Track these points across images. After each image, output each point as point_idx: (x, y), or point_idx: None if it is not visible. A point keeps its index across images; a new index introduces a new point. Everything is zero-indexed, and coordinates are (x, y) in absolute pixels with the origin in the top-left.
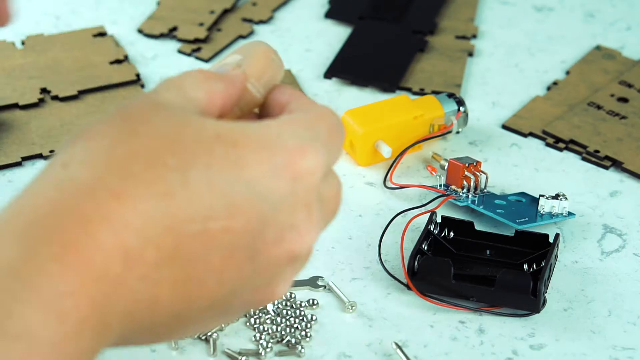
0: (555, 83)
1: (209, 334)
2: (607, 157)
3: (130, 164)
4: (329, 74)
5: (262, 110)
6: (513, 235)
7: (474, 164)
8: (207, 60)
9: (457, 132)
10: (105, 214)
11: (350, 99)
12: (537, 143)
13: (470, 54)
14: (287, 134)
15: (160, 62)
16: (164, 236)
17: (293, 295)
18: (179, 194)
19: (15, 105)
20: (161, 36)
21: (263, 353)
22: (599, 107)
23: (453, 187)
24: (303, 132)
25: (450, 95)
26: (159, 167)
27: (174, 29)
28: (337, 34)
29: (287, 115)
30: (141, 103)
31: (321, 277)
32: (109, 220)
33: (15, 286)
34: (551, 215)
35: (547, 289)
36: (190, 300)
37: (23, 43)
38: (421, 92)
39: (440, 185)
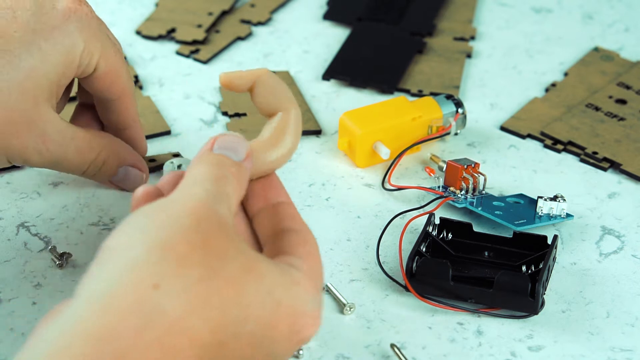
0: (553, 84)
1: None
2: (605, 159)
3: (212, 305)
4: (327, 75)
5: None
6: (511, 236)
7: (473, 165)
8: (205, 62)
9: (456, 134)
10: (180, 355)
11: (349, 101)
12: (535, 144)
13: (469, 56)
14: (312, 302)
15: (158, 63)
16: None
17: None
18: (231, 344)
19: None
20: (159, 38)
21: None
22: (597, 109)
23: (451, 188)
24: (320, 299)
25: (449, 97)
26: (226, 317)
27: (172, 30)
28: (336, 36)
29: (307, 268)
30: (215, 229)
31: None
32: None
33: None
34: (549, 216)
35: (545, 290)
36: None
37: None
38: (419, 94)
39: (438, 187)
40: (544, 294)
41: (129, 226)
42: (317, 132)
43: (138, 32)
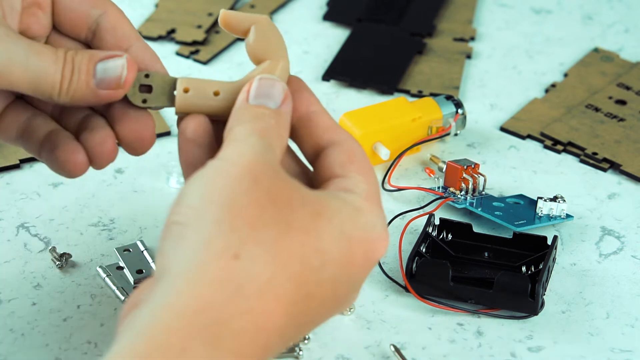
0: (553, 85)
1: None
2: (605, 160)
3: (293, 260)
4: (327, 76)
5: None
6: (511, 237)
7: (472, 166)
8: (205, 63)
9: (455, 135)
10: (271, 321)
11: (349, 101)
12: (535, 145)
13: (469, 56)
14: (378, 222)
15: None
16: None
17: None
18: (316, 292)
19: None
20: (159, 38)
21: None
22: (597, 110)
23: (451, 189)
24: (383, 214)
25: (449, 98)
26: (307, 268)
27: (172, 31)
28: (336, 36)
29: (363, 186)
30: (274, 181)
31: None
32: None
33: None
34: (549, 217)
35: (545, 291)
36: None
37: None
38: (419, 94)
39: (438, 188)
40: (544, 294)
41: (191, 198)
42: None
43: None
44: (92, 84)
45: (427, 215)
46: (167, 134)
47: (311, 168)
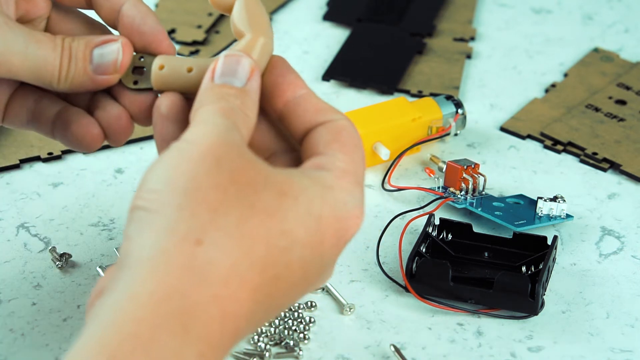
0: (553, 85)
1: None
2: (605, 160)
3: (258, 243)
4: (327, 76)
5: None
6: (511, 237)
7: (472, 166)
8: None
9: (455, 135)
10: (238, 306)
11: (349, 101)
12: (535, 145)
13: (469, 56)
14: (351, 200)
15: None
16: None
17: None
18: (284, 274)
19: None
20: None
21: (261, 355)
22: (597, 110)
23: (451, 189)
24: (359, 192)
25: (449, 98)
26: (273, 250)
27: (172, 31)
28: (336, 36)
29: (340, 164)
30: (237, 162)
31: None
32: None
33: None
34: (549, 217)
35: (545, 291)
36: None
37: None
38: (419, 95)
39: (438, 188)
40: (544, 294)
41: (153, 182)
42: None
43: None
44: (89, 70)
45: (427, 215)
46: None
47: None
